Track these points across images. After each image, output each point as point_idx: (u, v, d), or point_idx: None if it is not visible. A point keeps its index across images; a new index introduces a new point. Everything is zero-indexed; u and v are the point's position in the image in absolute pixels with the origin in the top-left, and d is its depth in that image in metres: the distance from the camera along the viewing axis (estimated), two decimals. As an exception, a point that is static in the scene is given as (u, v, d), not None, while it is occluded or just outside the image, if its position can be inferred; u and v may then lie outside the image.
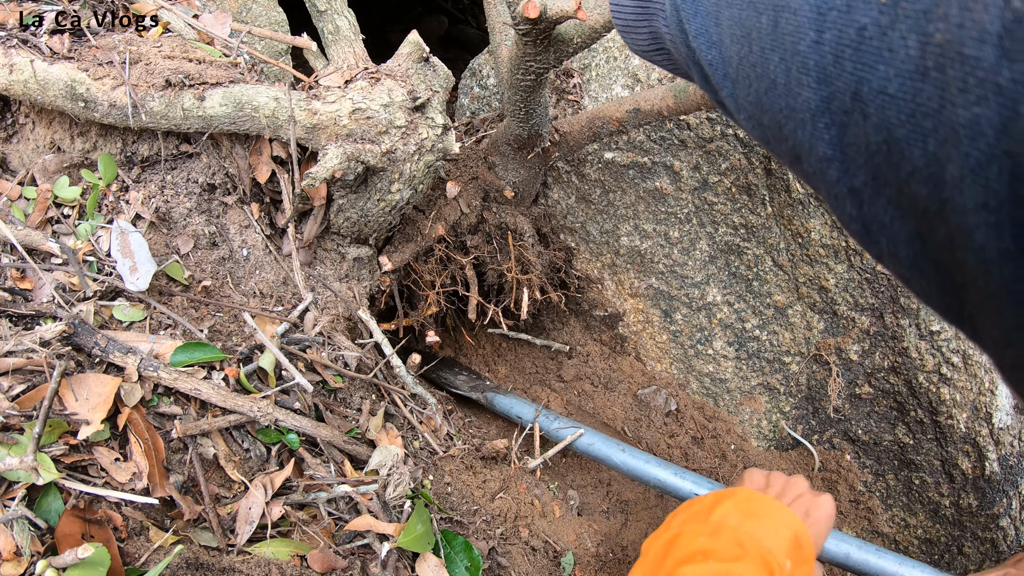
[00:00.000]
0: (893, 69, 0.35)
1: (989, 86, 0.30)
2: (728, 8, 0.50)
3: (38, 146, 1.56)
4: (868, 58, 0.37)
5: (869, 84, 0.37)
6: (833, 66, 0.40)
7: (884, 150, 0.38)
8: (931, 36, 0.33)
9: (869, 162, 0.39)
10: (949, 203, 0.34)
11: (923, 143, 0.35)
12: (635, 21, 0.69)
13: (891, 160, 0.37)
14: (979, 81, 0.31)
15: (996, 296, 0.34)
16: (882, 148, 0.38)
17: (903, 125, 0.35)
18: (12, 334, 1.23)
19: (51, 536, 1.08)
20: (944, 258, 0.37)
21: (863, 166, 0.40)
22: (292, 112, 1.42)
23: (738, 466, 2.15)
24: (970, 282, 0.35)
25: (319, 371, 1.52)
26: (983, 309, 0.36)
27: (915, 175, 0.36)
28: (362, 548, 1.34)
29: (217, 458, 1.30)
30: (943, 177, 0.34)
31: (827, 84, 0.40)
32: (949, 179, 0.34)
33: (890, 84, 0.36)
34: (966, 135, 0.32)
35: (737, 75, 0.51)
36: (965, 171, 0.32)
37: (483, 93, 2.19)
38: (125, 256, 1.40)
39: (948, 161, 0.33)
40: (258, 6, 1.92)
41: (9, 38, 1.49)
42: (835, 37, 0.39)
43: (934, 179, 0.35)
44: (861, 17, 0.37)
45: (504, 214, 1.93)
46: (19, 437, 1.12)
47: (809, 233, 1.97)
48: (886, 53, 0.36)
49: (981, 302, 0.35)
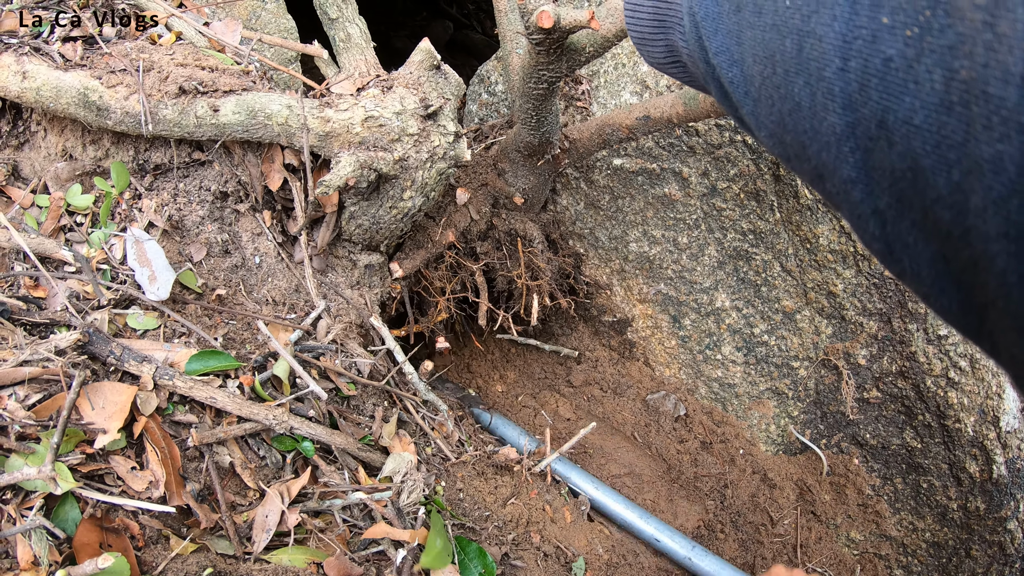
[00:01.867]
0: (919, 101, 0.36)
1: (1012, 125, 0.31)
2: (751, 29, 0.50)
3: (50, 154, 1.56)
4: (894, 89, 0.37)
5: (895, 114, 0.38)
6: (859, 93, 0.40)
7: (909, 177, 0.38)
8: (956, 72, 0.34)
9: (894, 186, 0.40)
10: (973, 230, 0.35)
11: (948, 173, 0.35)
12: (651, 34, 0.69)
13: (916, 186, 0.38)
14: (1003, 120, 0.31)
15: (1016, 317, 0.35)
16: (907, 175, 0.38)
17: (928, 156, 0.36)
18: (27, 343, 1.24)
19: (69, 545, 1.08)
20: (966, 280, 0.38)
21: (887, 189, 0.41)
22: (305, 120, 1.43)
23: (747, 471, 2.16)
24: (991, 303, 0.36)
25: (332, 378, 1.52)
26: (1003, 329, 0.37)
27: (939, 202, 0.37)
28: (377, 555, 1.34)
29: (233, 466, 1.30)
30: (967, 206, 0.35)
31: (853, 111, 0.41)
32: (973, 208, 0.34)
33: (916, 115, 0.36)
34: (989, 169, 0.33)
35: (760, 94, 0.51)
36: (988, 202, 0.33)
37: (491, 99, 2.19)
38: (143, 265, 1.40)
39: (972, 192, 0.34)
40: (267, 13, 1.93)
41: (21, 46, 1.49)
42: (861, 66, 0.39)
43: (958, 206, 0.35)
44: (887, 48, 0.38)
45: (514, 220, 1.93)
46: (36, 446, 1.13)
47: (817, 239, 1.97)
48: (912, 85, 0.36)
49: (1001, 323, 0.36)
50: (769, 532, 2.13)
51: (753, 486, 2.15)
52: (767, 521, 2.14)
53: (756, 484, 2.16)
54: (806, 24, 0.43)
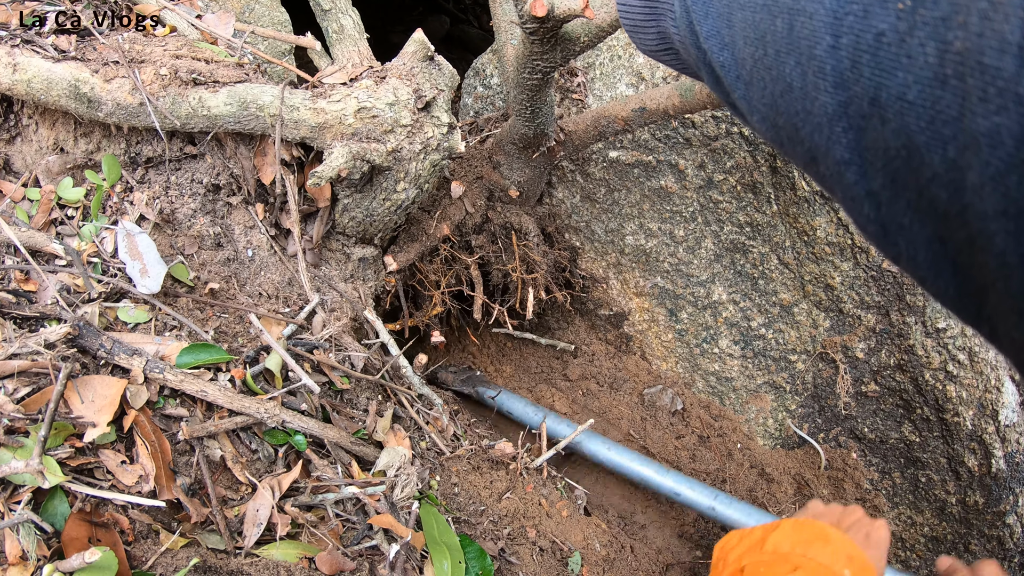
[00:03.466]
0: (912, 76, 0.35)
1: (1009, 96, 0.30)
2: (741, 10, 0.49)
3: (41, 147, 1.55)
4: (886, 64, 0.37)
5: (888, 90, 0.37)
6: (850, 71, 0.39)
7: (903, 155, 0.37)
8: (950, 44, 0.33)
9: (888, 166, 0.39)
10: (970, 208, 0.34)
11: (943, 150, 0.34)
12: (643, 21, 0.68)
13: (911, 165, 0.37)
14: (999, 91, 0.30)
15: (1017, 298, 0.34)
16: (901, 153, 0.37)
17: (923, 132, 0.35)
18: (17, 336, 1.23)
19: (57, 540, 1.07)
20: (963, 261, 0.37)
21: (882, 170, 0.40)
22: (281, 107, 1.41)
23: (744, 465, 2.15)
24: (990, 285, 0.35)
25: (326, 372, 1.51)
26: (1002, 312, 0.36)
27: (935, 180, 0.36)
28: (370, 550, 1.33)
29: (224, 460, 1.29)
30: (963, 183, 0.34)
31: (844, 89, 0.40)
32: (969, 185, 0.33)
33: (909, 91, 0.35)
34: (986, 144, 0.32)
35: (751, 77, 0.50)
36: (985, 178, 0.32)
37: (487, 92, 2.18)
38: (134, 258, 1.39)
39: (968, 168, 0.33)
40: (261, 6, 1.91)
41: (12, 37, 1.48)
42: (852, 42, 0.39)
43: (954, 184, 0.34)
44: (879, 23, 0.37)
45: (509, 213, 1.92)
46: (24, 440, 1.12)
47: (815, 231, 1.96)
48: (904, 60, 0.35)
49: (1000, 305, 0.35)
50: (767, 527, 2.12)
51: (751, 480, 2.15)
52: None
53: (754, 479, 2.16)
54: (796, 2, 0.43)
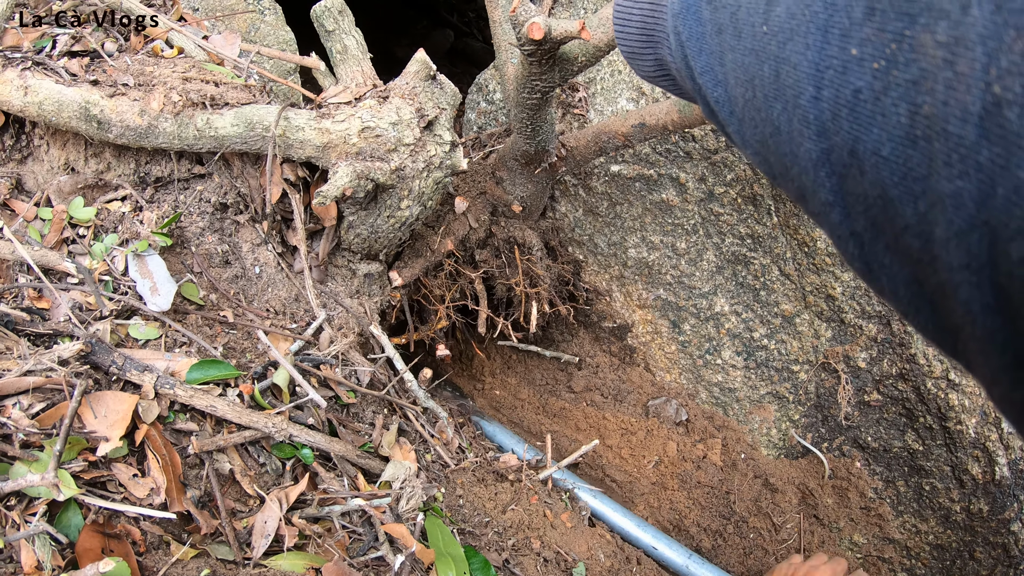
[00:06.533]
0: (886, 133, 0.37)
1: (970, 163, 0.32)
2: (732, 52, 0.51)
3: (52, 167, 1.59)
4: (863, 119, 0.39)
5: (864, 144, 0.39)
6: (831, 122, 0.41)
7: (880, 204, 0.40)
8: (920, 107, 0.35)
9: (868, 212, 0.41)
10: (938, 259, 0.36)
11: (914, 204, 0.37)
12: (640, 49, 0.70)
13: (887, 214, 0.39)
14: (961, 157, 0.33)
15: (982, 341, 0.36)
16: (878, 202, 0.40)
17: (896, 186, 0.37)
18: (31, 353, 1.26)
19: (71, 551, 1.09)
20: (938, 302, 0.39)
21: (863, 214, 0.42)
22: (275, 126, 1.45)
23: (748, 475, 2.16)
24: (960, 327, 0.38)
25: (332, 387, 1.54)
26: (972, 351, 0.38)
27: (908, 230, 0.38)
28: (376, 561, 1.35)
29: (233, 473, 1.31)
30: (932, 236, 0.36)
31: (826, 138, 0.42)
32: (937, 238, 0.36)
33: (883, 147, 0.37)
34: (950, 204, 0.34)
35: (743, 115, 0.52)
36: (950, 234, 0.34)
37: (490, 108, 2.21)
38: (144, 277, 1.42)
39: (936, 224, 0.35)
40: (266, 25, 1.95)
41: (24, 60, 1.52)
42: (833, 95, 0.40)
43: (925, 236, 0.37)
44: (856, 80, 0.39)
45: (512, 228, 1.95)
46: (39, 454, 1.15)
47: (815, 242, 1.98)
48: (879, 117, 0.37)
49: (971, 344, 0.38)
50: (772, 537, 2.13)
51: (755, 490, 2.16)
52: (770, 526, 2.14)
53: (758, 489, 2.17)
54: (782, 51, 0.45)
